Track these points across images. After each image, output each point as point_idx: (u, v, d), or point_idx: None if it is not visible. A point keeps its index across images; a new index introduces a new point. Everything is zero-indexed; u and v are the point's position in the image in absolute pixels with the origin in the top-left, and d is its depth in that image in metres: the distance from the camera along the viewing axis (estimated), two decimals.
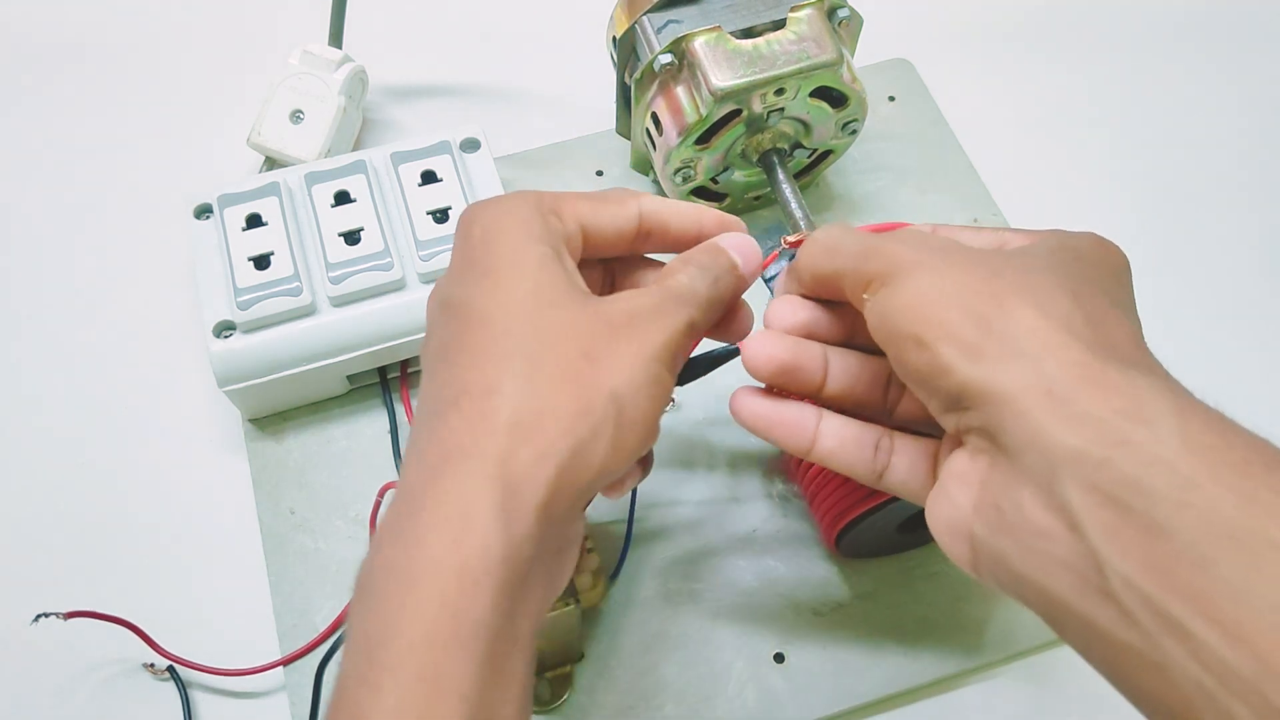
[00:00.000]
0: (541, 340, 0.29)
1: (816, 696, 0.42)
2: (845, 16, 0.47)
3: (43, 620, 0.41)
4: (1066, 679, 0.43)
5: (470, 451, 0.27)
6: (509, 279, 0.30)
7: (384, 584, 0.26)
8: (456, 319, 0.30)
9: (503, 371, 0.28)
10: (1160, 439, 0.25)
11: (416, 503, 0.27)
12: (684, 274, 0.33)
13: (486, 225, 0.31)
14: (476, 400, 0.28)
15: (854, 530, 0.40)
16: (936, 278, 0.29)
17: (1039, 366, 0.26)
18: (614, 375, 0.29)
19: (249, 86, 0.57)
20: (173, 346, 0.51)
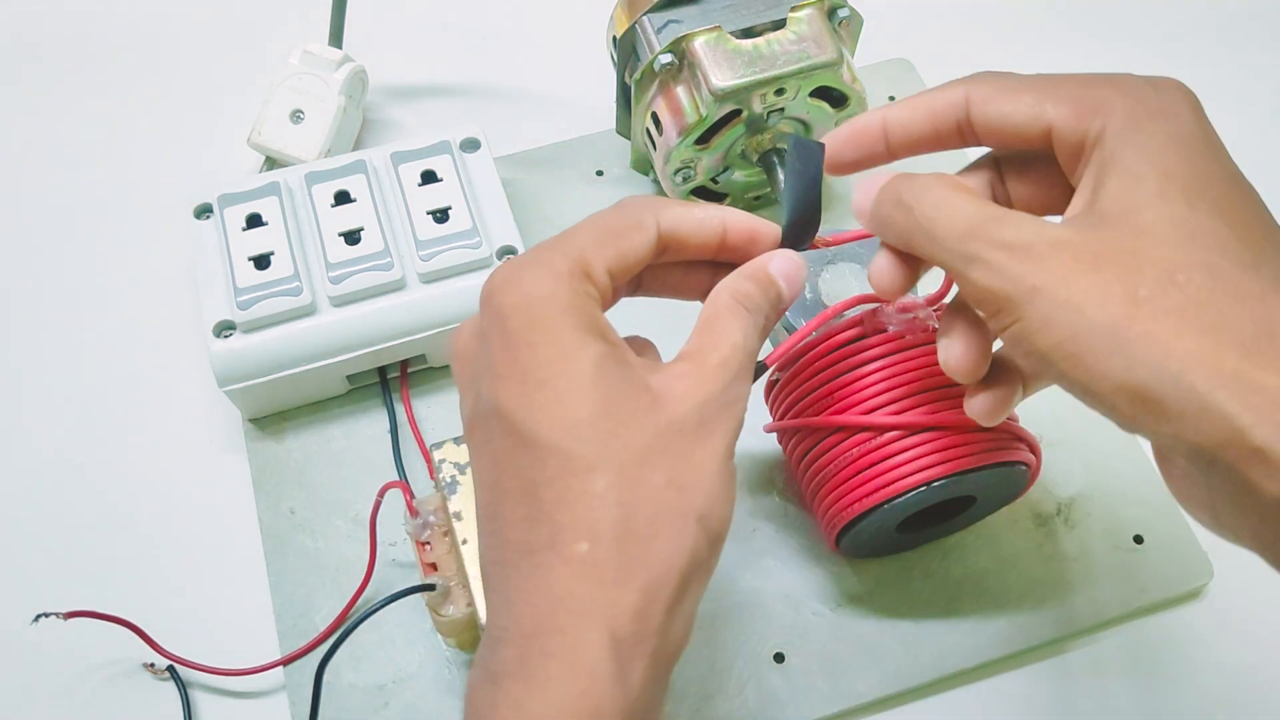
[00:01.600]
0: (626, 475, 0.27)
1: (816, 696, 0.42)
2: (845, 16, 0.47)
3: (43, 620, 0.41)
4: (1066, 679, 0.43)
5: (584, 605, 0.26)
6: (571, 396, 0.27)
7: (508, 717, 0.26)
8: (521, 444, 0.28)
9: (598, 517, 0.27)
10: None
11: (534, 649, 0.26)
12: (735, 327, 0.30)
13: (524, 317, 0.28)
14: (575, 545, 0.27)
15: (854, 530, 0.40)
16: (1070, 312, 0.26)
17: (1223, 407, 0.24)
18: (698, 498, 0.28)
19: (249, 86, 0.57)
20: (173, 346, 0.51)
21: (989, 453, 0.38)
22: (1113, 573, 0.45)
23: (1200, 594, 0.45)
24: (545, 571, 0.27)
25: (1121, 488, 0.47)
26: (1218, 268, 0.26)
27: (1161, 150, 0.27)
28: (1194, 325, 0.25)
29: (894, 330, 0.39)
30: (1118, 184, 0.27)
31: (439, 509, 0.40)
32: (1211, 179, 0.27)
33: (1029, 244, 0.27)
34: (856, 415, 0.38)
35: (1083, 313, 0.26)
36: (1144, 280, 0.26)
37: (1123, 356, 0.25)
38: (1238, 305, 0.25)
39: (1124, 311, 0.25)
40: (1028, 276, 0.27)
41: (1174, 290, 0.25)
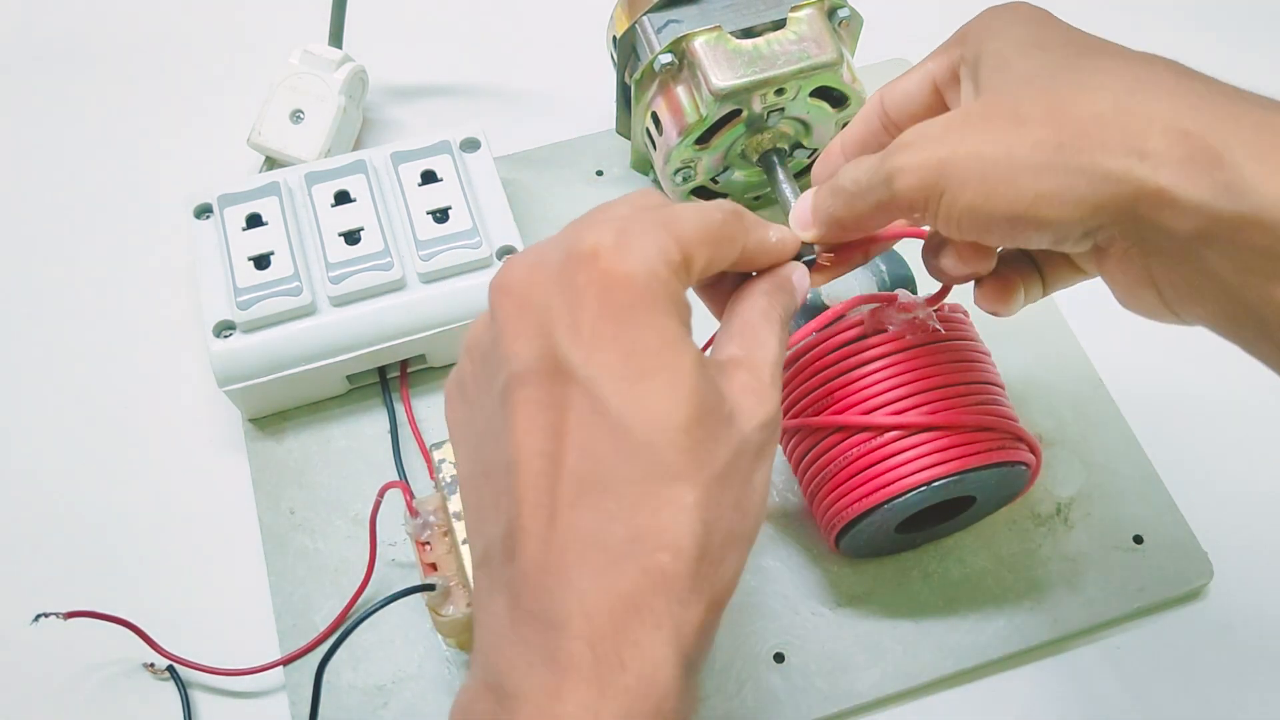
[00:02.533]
0: (710, 494, 0.27)
1: (816, 696, 0.42)
2: (845, 16, 0.47)
3: (43, 620, 0.41)
4: (1066, 679, 0.43)
5: (660, 620, 0.26)
6: (670, 396, 0.26)
7: (577, 715, 0.25)
8: (606, 427, 0.26)
9: (681, 532, 0.26)
10: None
11: (608, 654, 0.25)
12: (774, 336, 0.31)
13: (635, 293, 0.27)
14: (654, 556, 0.26)
15: (854, 530, 0.40)
16: (973, 161, 0.29)
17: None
18: (751, 521, 0.28)
19: (249, 86, 0.57)
20: (173, 346, 0.51)
21: (989, 453, 0.38)
22: (1113, 573, 0.45)
23: (1200, 594, 0.45)
24: (620, 573, 0.26)
25: (1121, 488, 0.47)
26: (1071, 66, 0.29)
27: (1005, 37, 0.31)
28: (1072, 121, 0.27)
29: (894, 330, 0.39)
30: (980, 73, 0.31)
31: (439, 509, 0.40)
32: (1046, 37, 0.31)
33: (922, 135, 0.30)
34: (856, 415, 0.38)
35: (982, 156, 0.28)
36: (1021, 111, 0.28)
37: (1028, 170, 0.28)
38: (1095, 94, 0.28)
39: (1013, 136, 0.28)
40: (931, 156, 0.29)
41: (1043, 99, 0.28)
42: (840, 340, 0.40)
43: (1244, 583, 0.45)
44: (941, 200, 0.29)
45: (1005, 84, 0.30)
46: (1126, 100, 0.27)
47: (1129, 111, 0.27)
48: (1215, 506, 0.46)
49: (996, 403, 0.40)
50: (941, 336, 0.39)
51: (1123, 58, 0.29)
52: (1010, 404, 0.41)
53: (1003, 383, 0.41)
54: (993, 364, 0.41)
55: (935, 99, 0.35)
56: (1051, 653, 0.44)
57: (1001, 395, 0.41)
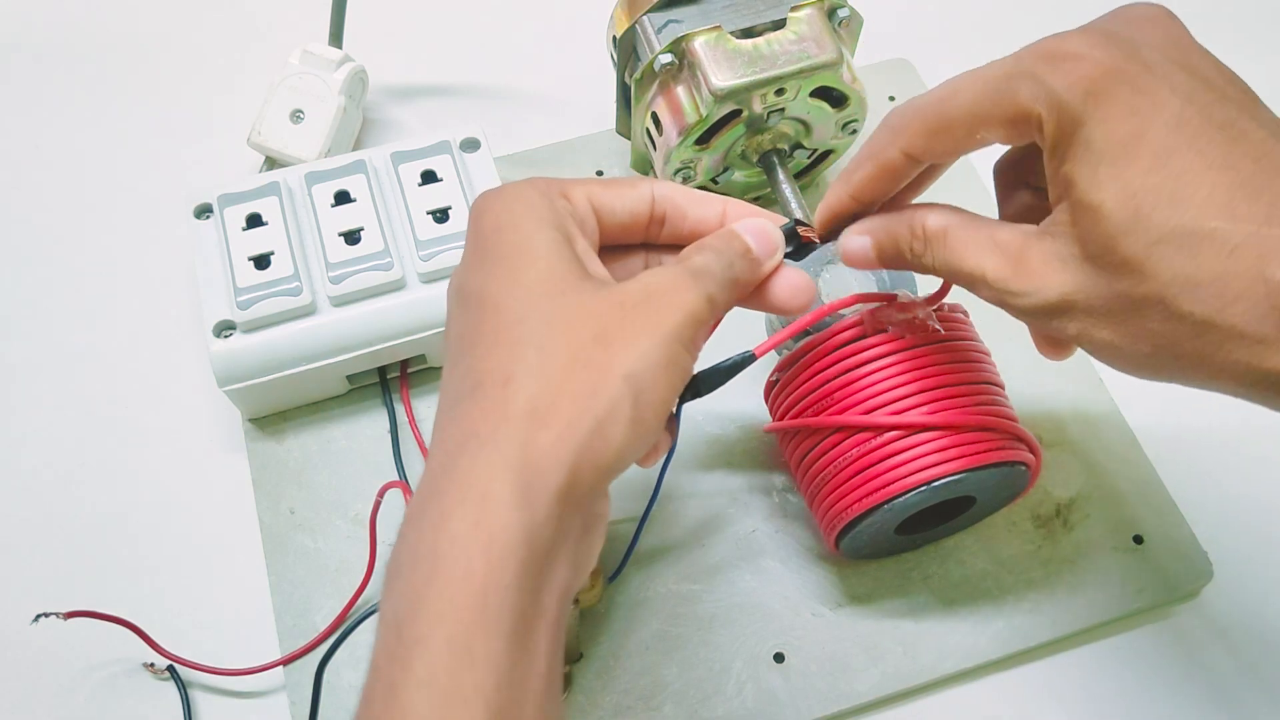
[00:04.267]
0: (553, 326, 0.29)
1: (815, 696, 0.42)
2: (845, 16, 0.47)
3: (43, 620, 0.41)
4: (1066, 679, 0.43)
5: (488, 438, 0.28)
6: (519, 265, 0.30)
7: (410, 565, 0.27)
8: (471, 308, 0.31)
9: (516, 359, 0.29)
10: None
11: (438, 487, 0.28)
12: (699, 256, 0.32)
13: (497, 213, 0.32)
14: (492, 388, 0.28)
15: (853, 531, 0.40)
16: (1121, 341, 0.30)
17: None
18: (628, 356, 0.29)
19: (249, 86, 0.57)
20: (173, 346, 0.51)
21: (989, 453, 0.38)
22: (1112, 573, 0.45)
23: (1200, 594, 0.45)
24: (462, 414, 0.29)
25: (1121, 488, 0.47)
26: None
27: (1120, 127, 0.28)
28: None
29: (894, 330, 0.39)
30: (1086, 181, 0.29)
31: None
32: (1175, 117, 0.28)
33: (1045, 275, 0.30)
34: (856, 415, 0.38)
35: (1117, 347, 0.30)
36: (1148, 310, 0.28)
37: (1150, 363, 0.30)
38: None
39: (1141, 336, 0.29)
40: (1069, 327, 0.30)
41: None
42: (840, 340, 0.40)
43: (1244, 583, 0.45)
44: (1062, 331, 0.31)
45: (1139, 242, 0.28)
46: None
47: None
48: (1215, 506, 0.46)
49: (996, 403, 0.40)
50: (941, 336, 0.39)
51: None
52: (1010, 404, 0.41)
53: (1003, 383, 0.41)
54: (993, 364, 0.41)
55: (973, 145, 0.33)
56: (1051, 653, 0.44)
57: (1001, 395, 0.41)
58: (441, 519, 0.27)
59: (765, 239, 0.34)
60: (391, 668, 0.26)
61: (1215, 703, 0.43)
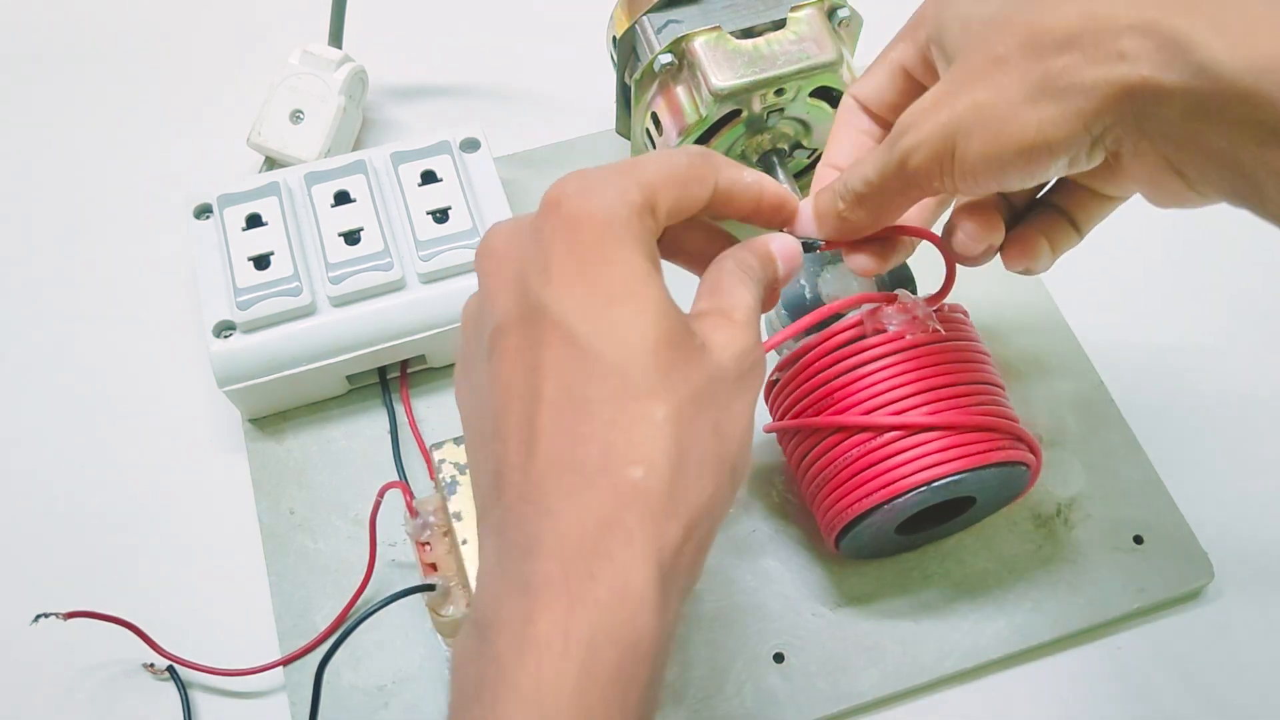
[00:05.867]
0: (683, 413, 0.27)
1: (816, 696, 0.42)
2: (845, 16, 0.47)
3: (43, 620, 0.41)
4: (1066, 679, 0.43)
5: (633, 533, 0.26)
6: (637, 321, 0.27)
7: (550, 635, 0.25)
8: (577, 354, 0.27)
9: (653, 447, 0.27)
10: None
11: (580, 570, 0.26)
12: (745, 291, 0.31)
13: (598, 230, 0.28)
14: (626, 470, 0.26)
15: (854, 531, 0.40)
16: (977, 111, 0.30)
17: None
18: (733, 446, 0.29)
19: (249, 86, 0.57)
20: (173, 346, 0.51)
21: (989, 453, 0.38)
22: (1113, 573, 0.45)
23: (1200, 594, 0.45)
24: (594, 491, 0.26)
25: (1121, 488, 0.47)
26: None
27: (957, 3, 0.32)
28: (1048, 47, 0.28)
29: (894, 330, 0.39)
30: (946, 42, 0.32)
31: (439, 509, 0.40)
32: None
33: (919, 110, 0.31)
34: (856, 415, 0.38)
35: (979, 105, 0.30)
36: (997, 54, 0.29)
37: (1024, 103, 0.29)
38: (1060, 12, 0.28)
39: (1001, 78, 0.29)
40: (935, 124, 0.30)
41: (1013, 34, 0.29)
42: (840, 340, 0.40)
43: (1244, 583, 0.45)
44: (954, 159, 0.30)
45: (975, 39, 0.31)
46: (1091, 8, 0.28)
47: (1096, 18, 0.28)
48: (1215, 506, 0.46)
49: (996, 403, 0.40)
50: (941, 336, 0.39)
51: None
52: (1010, 404, 0.41)
53: (1003, 383, 0.41)
54: (993, 364, 0.41)
55: (909, 84, 0.36)
56: (1051, 653, 0.44)
57: (1001, 395, 0.41)
58: (594, 604, 0.25)
59: (793, 263, 0.34)
60: None
61: (1215, 703, 0.43)
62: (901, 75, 0.36)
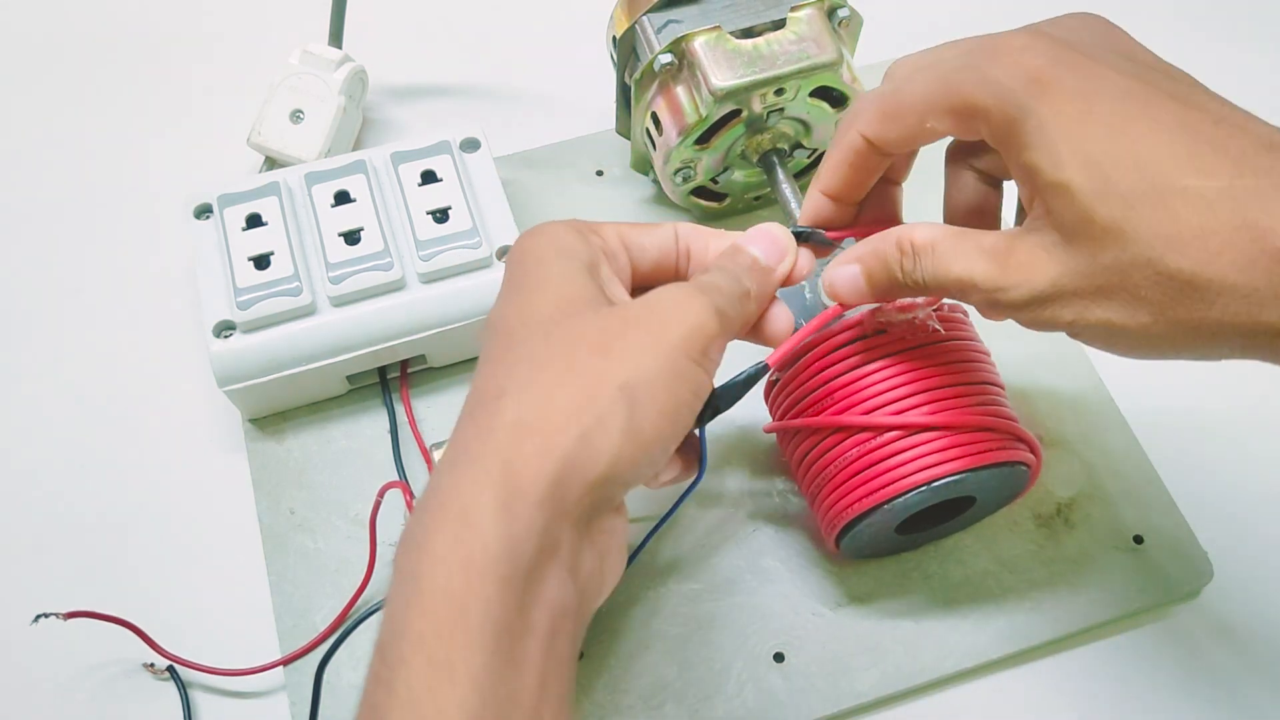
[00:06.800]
0: (551, 342, 0.29)
1: (816, 696, 0.42)
2: (845, 16, 0.47)
3: (43, 620, 0.41)
4: (1066, 679, 0.43)
5: (475, 453, 0.27)
6: (535, 294, 0.31)
7: (396, 587, 0.27)
8: (489, 337, 0.31)
9: (510, 375, 0.29)
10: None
11: (425, 506, 0.28)
12: (705, 274, 0.33)
13: (526, 249, 0.33)
14: (485, 405, 0.29)
15: (854, 530, 0.40)
16: (1116, 318, 0.29)
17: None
18: (625, 366, 0.29)
19: (249, 86, 0.57)
20: (173, 346, 0.51)
21: (989, 453, 0.38)
22: (1113, 573, 0.45)
23: (1200, 594, 0.45)
24: (457, 434, 0.29)
25: (1121, 488, 0.47)
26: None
27: (1066, 109, 0.29)
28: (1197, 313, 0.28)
29: (894, 330, 0.39)
30: (1040, 161, 0.29)
31: None
32: (1120, 102, 0.29)
33: (1023, 273, 0.30)
34: (856, 415, 0.38)
35: (1114, 325, 0.29)
36: (1138, 288, 0.28)
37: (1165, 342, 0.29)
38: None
39: (1134, 311, 0.28)
40: (1047, 313, 0.30)
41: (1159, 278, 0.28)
42: (840, 340, 0.40)
43: (1244, 583, 0.45)
44: (1040, 322, 0.31)
45: (1114, 208, 0.28)
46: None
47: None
48: (1215, 506, 0.46)
49: (996, 403, 0.40)
50: (941, 336, 0.39)
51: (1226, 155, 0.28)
52: (1010, 404, 0.41)
53: (1003, 383, 0.41)
54: (993, 364, 0.41)
55: (925, 135, 0.34)
56: (1051, 652, 0.44)
57: (1001, 395, 0.41)
58: (425, 538, 0.27)
59: (773, 245, 0.34)
60: (376, 692, 0.26)
61: (1215, 703, 0.43)
62: (921, 120, 0.33)
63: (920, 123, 0.32)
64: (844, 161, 0.35)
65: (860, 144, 0.34)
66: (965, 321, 0.41)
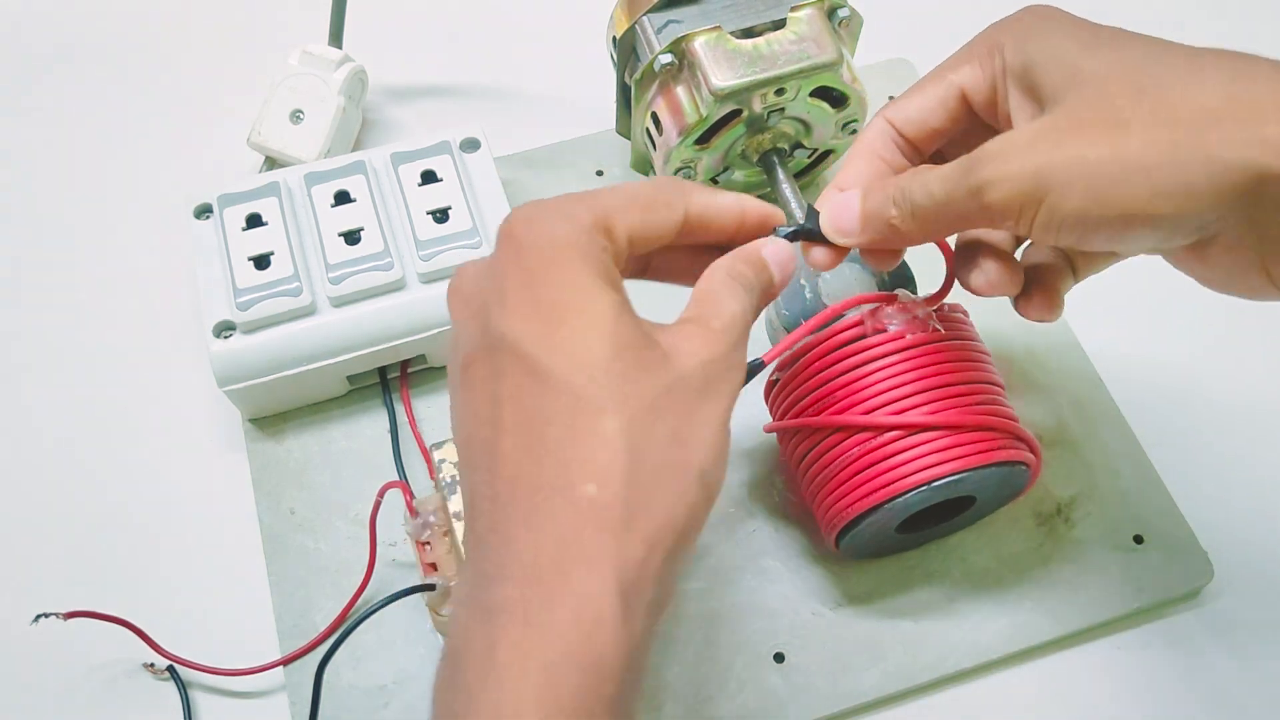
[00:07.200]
0: (636, 423, 0.27)
1: (816, 696, 0.42)
2: (845, 16, 0.47)
3: (43, 620, 0.41)
4: (1066, 679, 0.43)
5: (591, 550, 0.26)
6: (586, 337, 0.28)
7: (509, 660, 0.25)
8: (532, 379, 0.27)
9: (608, 459, 0.27)
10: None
11: (537, 591, 0.26)
12: (733, 300, 0.31)
13: (545, 254, 0.29)
14: (581, 487, 0.27)
15: (854, 530, 0.40)
16: (1076, 166, 0.29)
17: None
18: (700, 453, 0.28)
19: (249, 87, 0.57)
20: (173, 346, 0.51)
21: (989, 452, 0.38)
22: (1113, 573, 0.45)
23: (1200, 594, 0.45)
24: (550, 511, 0.26)
25: (1121, 488, 0.47)
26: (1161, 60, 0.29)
27: (1052, 39, 0.31)
28: (1183, 116, 0.27)
29: (894, 330, 0.39)
30: (1038, 77, 0.31)
31: (439, 509, 0.40)
32: (1095, 36, 0.31)
33: (1011, 145, 0.30)
34: (856, 415, 0.38)
35: (1086, 159, 0.28)
36: (1120, 112, 0.28)
37: (1141, 170, 0.27)
38: (1200, 87, 0.28)
39: (1118, 138, 0.28)
40: (1026, 165, 0.29)
41: (1142, 99, 0.28)
42: (840, 340, 0.40)
43: (1244, 583, 0.45)
44: (1041, 208, 0.29)
45: (1088, 89, 0.29)
46: (1233, 89, 0.27)
47: (1239, 100, 0.27)
48: (1215, 506, 0.46)
49: (996, 403, 0.40)
50: (941, 336, 0.39)
51: (1206, 52, 0.29)
52: (1010, 404, 0.41)
53: (1003, 383, 0.41)
54: (993, 364, 0.41)
55: (964, 112, 0.34)
56: (1051, 652, 0.44)
57: (1001, 395, 0.41)
58: (551, 629, 0.25)
59: (787, 268, 0.34)
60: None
61: (1215, 702, 0.43)
62: (958, 101, 0.34)
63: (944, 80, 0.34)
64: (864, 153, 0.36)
65: (884, 126, 0.35)
66: (965, 321, 0.41)
